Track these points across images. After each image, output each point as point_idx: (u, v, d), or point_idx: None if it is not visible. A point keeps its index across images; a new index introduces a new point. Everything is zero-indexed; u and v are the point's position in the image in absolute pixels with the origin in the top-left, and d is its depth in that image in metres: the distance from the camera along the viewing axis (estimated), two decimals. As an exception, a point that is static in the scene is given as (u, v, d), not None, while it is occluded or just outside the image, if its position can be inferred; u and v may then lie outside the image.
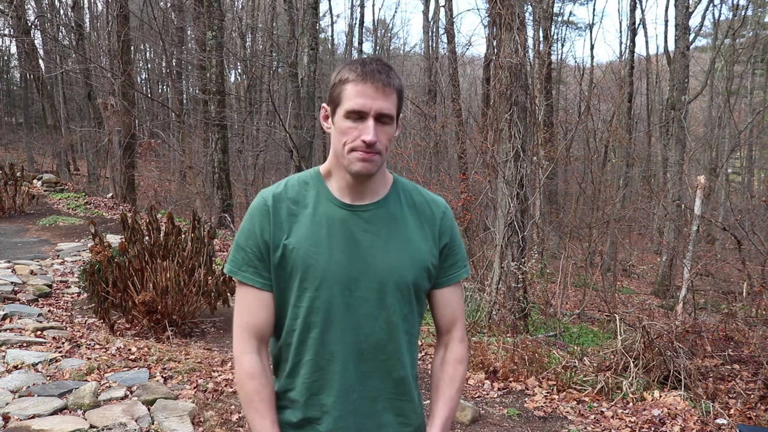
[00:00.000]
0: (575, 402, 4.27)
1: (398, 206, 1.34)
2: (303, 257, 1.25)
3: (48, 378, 3.87)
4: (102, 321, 5.38)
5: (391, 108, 1.22)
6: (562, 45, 33.00)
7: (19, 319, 5.16)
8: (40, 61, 19.65)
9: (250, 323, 1.30)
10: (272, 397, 1.30)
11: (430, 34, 20.72)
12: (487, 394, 4.43)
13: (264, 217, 1.28)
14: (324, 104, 1.32)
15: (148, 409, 3.45)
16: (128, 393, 3.68)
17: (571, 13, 48.14)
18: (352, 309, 1.26)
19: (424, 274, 1.32)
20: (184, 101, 24.63)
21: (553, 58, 21.54)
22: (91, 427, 3.20)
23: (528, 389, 4.54)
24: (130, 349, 4.61)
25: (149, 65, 30.96)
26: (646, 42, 74.47)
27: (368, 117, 1.20)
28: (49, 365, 4.08)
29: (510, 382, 4.63)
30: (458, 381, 1.38)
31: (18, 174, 12.13)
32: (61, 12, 23.88)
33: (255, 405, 1.27)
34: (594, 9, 70.55)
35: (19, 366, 4.02)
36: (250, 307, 1.30)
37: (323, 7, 28.70)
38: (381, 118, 1.21)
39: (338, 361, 1.27)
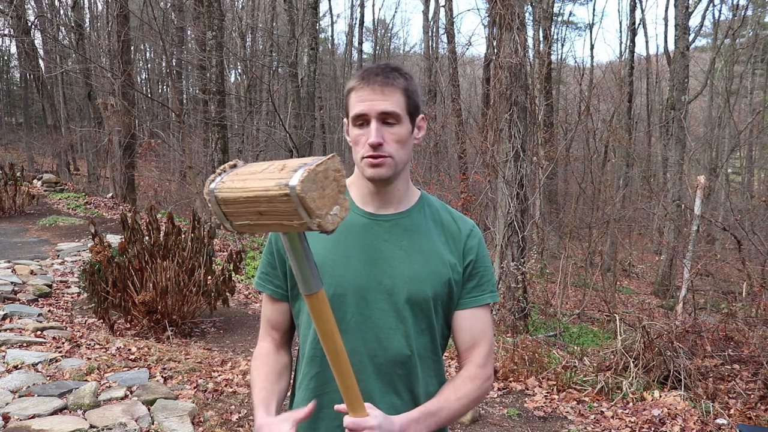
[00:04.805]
0: (575, 402, 4.27)
1: (423, 219, 1.29)
2: (318, 264, 1.19)
3: (48, 378, 3.87)
4: (102, 321, 5.38)
5: (393, 107, 1.18)
6: (562, 45, 33.02)
7: (19, 319, 5.16)
8: (40, 61, 19.63)
9: (270, 324, 1.37)
10: (269, 372, 1.28)
11: (430, 34, 20.71)
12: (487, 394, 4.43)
13: None
14: (344, 119, 1.31)
15: (148, 409, 3.45)
16: (128, 393, 3.68)
17: (571, 13, 48.20)
18: (369, 320, 1.21)
19: (445, 289, 1.25)
20: (184, 101, 24.63)
21: (553, 58, 21.56)
22: (91, 427, 3.20)
23: (528, 389, 4.54)
24: (130, 349, 4.61)
25: (149, 65, 30.97)
26: (646, 42, 74.49)
27: (371, 120, 1.18)
28: (49, 365, 4.08)
29: (510, 382, 4.63)
30: (462, 391, 1.23)
31: (18, 174, 12.14)
32: (61, 12, 23.89)
33: (253, 380, 1.29)
34: (594, 9, 70.67)
35: (19, 366, 4.02)
36: (268, 313, 1.37)
37: (323, 7, 28.74)
38: (385, 119, 1.18)
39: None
